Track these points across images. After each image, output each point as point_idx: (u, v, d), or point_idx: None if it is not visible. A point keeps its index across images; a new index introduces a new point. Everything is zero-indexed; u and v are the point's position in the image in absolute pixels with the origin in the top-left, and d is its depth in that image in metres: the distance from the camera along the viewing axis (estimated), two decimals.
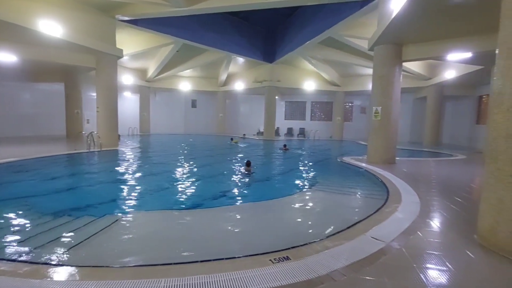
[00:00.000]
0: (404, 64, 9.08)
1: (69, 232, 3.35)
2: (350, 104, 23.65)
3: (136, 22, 12.34)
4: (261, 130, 22.61)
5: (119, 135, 12.75)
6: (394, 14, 6.45)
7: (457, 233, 3.21)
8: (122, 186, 6.06)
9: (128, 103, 22.27)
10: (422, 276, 2.26)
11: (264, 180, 7.16)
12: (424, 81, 16.74)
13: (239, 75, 22.66)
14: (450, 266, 2.44)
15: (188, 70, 21.25)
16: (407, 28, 7.17)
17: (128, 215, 4.12)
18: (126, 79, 18.81)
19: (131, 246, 3.17)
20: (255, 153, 13.11)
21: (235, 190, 6.05)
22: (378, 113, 8.54)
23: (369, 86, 9.18)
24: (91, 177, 7.01)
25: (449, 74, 13.94)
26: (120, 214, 4.07)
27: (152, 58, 18.49)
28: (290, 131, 24.43)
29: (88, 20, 10.36)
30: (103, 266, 2.58)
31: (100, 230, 3.39)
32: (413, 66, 14.78)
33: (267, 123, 20.63)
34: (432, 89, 16.77)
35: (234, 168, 8.45)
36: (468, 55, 8.68)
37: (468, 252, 2.72)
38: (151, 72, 19.70)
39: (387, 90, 8.44)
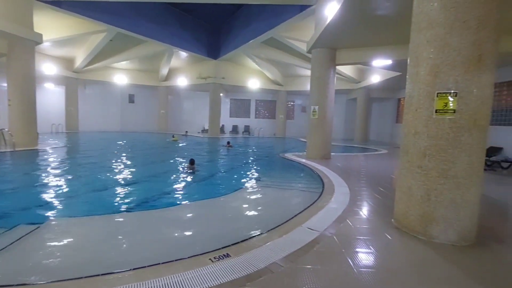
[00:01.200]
0: (338, 67, 9.88)
1: None
2: (292, 103, 24.82)
3: (59, 4, 10.85)
4: (206, 127, 22.17)
5: (37, 133, 11.05)
6: (328, 21, 6.96)
7: (378, 219, 3.63)
8: (41, 191, 5.28)
9: (51, 96, 19.46)
10: (349, 260, 2.49)
11: (208, 178, 7.04)
12: (354, 84, 18.53)
13: (182, 70, 21.77)
14: (372, 248, 2.76)
15: (124, 62, 19.59)
16: (339, 35, 7.83)
17: (48, 224, 3.60)
18: (48, 68, 16.42)
19: (49, 258, 2.77)
20: (199, 151, 12.81)
21: (178, 190, 5.81)
22: (315, 112, 9.14)
23: (308, 87, 9.76)
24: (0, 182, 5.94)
25: (375, 79, 15.72)
26: (37, 223, 3.53)
27: (80, 46, 16.49)
28: (235, 129, 24.51)
29: None
30: (13, 285, 2.21)
31: (11, 243, 2.90)
32: (345, 69, 16.23)
33: (211, 121, 20.31)
34: (361, 91, 18.67)
35: (177, 167, 8.11)
36: (389, 62, 9.90)
37: (387, 235, 3.10)
38: (79, 61, 17.56)
39: (323, 90, 9.09)
